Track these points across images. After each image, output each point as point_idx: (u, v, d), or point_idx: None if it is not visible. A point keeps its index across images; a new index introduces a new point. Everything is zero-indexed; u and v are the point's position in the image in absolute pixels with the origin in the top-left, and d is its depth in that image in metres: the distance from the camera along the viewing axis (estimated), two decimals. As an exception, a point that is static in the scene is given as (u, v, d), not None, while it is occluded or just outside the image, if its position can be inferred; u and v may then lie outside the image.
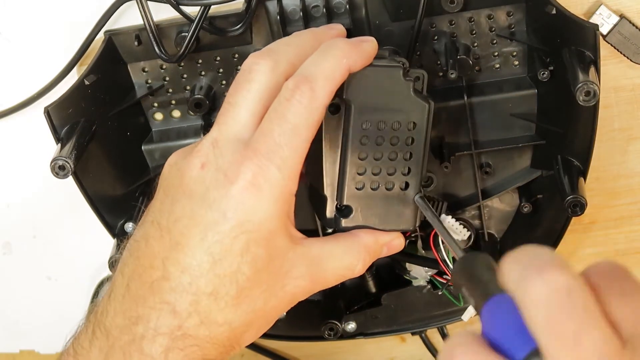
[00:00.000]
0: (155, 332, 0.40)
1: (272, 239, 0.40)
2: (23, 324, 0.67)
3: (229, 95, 0.42)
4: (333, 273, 0.44)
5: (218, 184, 0.40)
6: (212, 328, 0.40)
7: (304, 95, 0.39)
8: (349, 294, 0.60)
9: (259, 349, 0.64)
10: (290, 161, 0.40)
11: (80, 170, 0.50)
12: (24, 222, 0.63)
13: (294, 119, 0.39)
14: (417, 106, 0.43)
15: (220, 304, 0.40)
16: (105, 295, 0.43)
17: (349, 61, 0.41)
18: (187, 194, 0.41)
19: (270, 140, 0.39)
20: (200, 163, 0.41)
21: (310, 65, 0.41)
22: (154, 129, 0.56)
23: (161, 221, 0.41)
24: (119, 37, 0.52)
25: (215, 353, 0.41)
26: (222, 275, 0.40)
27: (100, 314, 0.42)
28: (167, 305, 0.40)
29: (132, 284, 0.41)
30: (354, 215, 0.45)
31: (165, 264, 0.40)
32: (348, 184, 0.44)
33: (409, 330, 0.61)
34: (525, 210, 0.55)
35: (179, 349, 0.40)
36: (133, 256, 0.42)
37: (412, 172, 0.45)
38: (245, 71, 0.42)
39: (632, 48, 0.52)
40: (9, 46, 0.57)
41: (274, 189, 0.40)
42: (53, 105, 0.49)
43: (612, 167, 0.57)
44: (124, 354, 0.40)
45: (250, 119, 0.41)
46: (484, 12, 0.51)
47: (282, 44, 0.44)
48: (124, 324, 0.40)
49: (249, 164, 0.39)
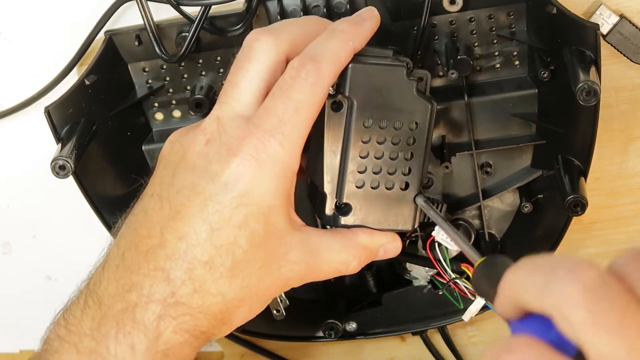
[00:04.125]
0: (148, 299, 0.40)
1: (270, 216, 0.40)
2: (23, 324, 0.67)
3: (230, 73, 0.42)
4: (328, 266, 0.44)
5: (221, 158, 0.40)
6: (205, 298, 0.40)
7: (309, 74, 0.40)
8: (349, 293, 0.60)
9: (259, 349, 0.64)
10: (293, 138, 0.40)
11: (81, 170, 0.50)
12: (24, 222, 0.63)
13: (298, 96, 0.40)
14: (420, 106, 0.44)
15: (214, 274, 0.40)
16: (99, 267, 0.43)
17: (355, 43, 0.42)
18: (189, 167, 0.41)
19: (273, 116, 0.40)
20: (204, 140, 0.41)
21: (317, 45, 0.41)
22: (154, 129, 0.56)
23: (161, 193, 0.41)
24: (119, 37, 0.52)
25: (207, 325, 0.41)
26: (218, 245, 0.40)
27: (93, 284, 0.42)
28: (162, 273, 0.40)
29: (128, 254, 0.41)
30: (353, 214, 0.45)
31: (163, 232, 0.40)
32: (348, 181, 0.44)
33: (409, 330, 0.61)
34: (525, 210, 0.55)
35: (171, 317, 0.40)
36: (131, 228, 0.42)
37: (412, 172, 0.45)
38: (246, 48, 0.42)
39: (632, 48, 0.52)
40: (9, 46, 0.57)
41: (275, 165, 0.40)
42: (53, 105, 0.49)
43: (612, 167, 0.57)
44: (117, 322, 0.40)
45: (251, 98, 0.41)
46: (484, 12, 0.51)
47: (285, 23, 0.44)
48: (117, 292, 0.40)
49: (252, 139, 0.40)
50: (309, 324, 0.59)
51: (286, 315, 0.53)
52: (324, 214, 0.45)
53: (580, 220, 0.54)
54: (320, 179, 0.45)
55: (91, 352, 0.40)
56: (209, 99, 0.53)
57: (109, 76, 0.52)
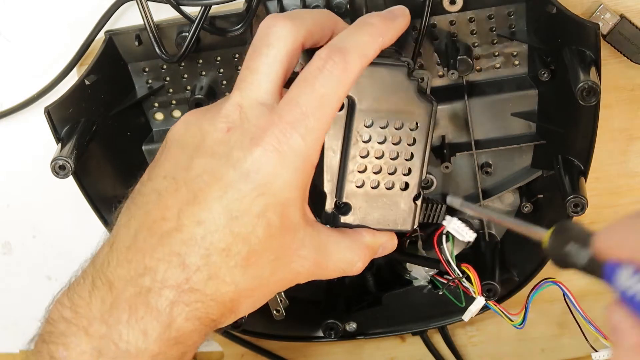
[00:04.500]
0: (162, 284, 0.39)
1: (287, 209, 0.40)
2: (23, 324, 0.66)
3: (248, 59, 0.41)
4: (334, 265, 0.44)
5: (243, 146, 0.39)
6: (219, 286, 0.40)
7: (336, 66, 0.39)
8: (349, 293, 0.60)
9: (259, 349, 0.64)
10: (315, 132, 0.39)
11: (81, 170, 0.50)
12: (24, 222, 0.63)
13: (323, 89, 0.39)
14: (421, 107, 0.44)
15: (230, 263, 0.39)
16: (105, 246, 0.41)
17: (385, 40, 0.41)
18: (208, 152, 0.40)
19: (296, 108, 0.39)
20: (226, 127, 0.40)
21: (345, 37, 0.40)
22: (154, 129, 0.56)
23: (176, 176, 0.40)
24: (119, 37, 0.52)
25: (217, 313, 0.40)
26: (236, 233, 0.39)
27: (100, 265, 0.41)
28: (177, 257, 0.39)
29: (140, 235, 0.40)
30: (353, 213, 0.45)
31: (179, 216, 0.39)
32: (348, 181, 0.44)
33: (409, 330, 0.61)
34: (525, 210, 0.55)
35: (184, 303, 0.39)
36: (142, 209, 0.41)
37: (412, 172, 0.45)
38: (263, 34, 0.41)
39: (632, 48, 0.52)
40: (9, 46, 0.57)
41: (296, 158, 0.39)
42: (53, 105, 0.49)
43: (612, 167, 0.57)
44: (130, 306, 0.39)
45: (271, 85, 0.40)
46: (484, 12, 0.51)
47: (301, 11, 0.43)
48: (130, 275, 0.39)
49: (274, 130, 0.39)
50: (309, 324, 0.59)
51: (286, 315, 0.53)
52: (324, 212, 0.45)
53: (580, 220, 0.54)
54: (320, 178, 0.45)
55: (102, 337, 0.39)
56: (209, 99, 0.53)
57: (109, 76, 0.52)
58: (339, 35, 0.41)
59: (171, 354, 0.40)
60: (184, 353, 0.40)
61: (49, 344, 0.40)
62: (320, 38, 0.43)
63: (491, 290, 0.52)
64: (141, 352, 0.39)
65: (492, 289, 0.52)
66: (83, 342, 0.39)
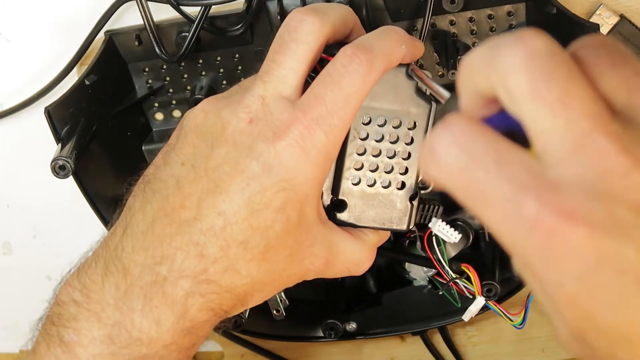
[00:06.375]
0: (179, 274, 0.39)
1: (305, 205, 0.40)
2: (23, 324, 0.66)
3: (273, 51, 0.41)
4: (342, 265, 0.44)
5: (267, 139, 0.39)
6: (235, 278, 0.39)
7: (361, 65, 0.39)
8: (349, 293, 0.60)
9: (259, 349, 0.64)
10: (338, 130, 0.39)
11: (81, 170, 0.50)
12: (24, 222, 0.63)
13: (348, 87, 0.39)
14: (419, 106, 0.44)
15: (247, 255, 0.39)
16: (118, 229, 0.41)
17: (406, 50, 0.41)
18: (230, 143, 0.40)
19: (321, 105, 0.39)
20: (248, 118, 0.40)
21: (372, 38, 0.41)
22: (154, 129, 0.56)
23: (195, 164, 0.40)
24: (119, 37, 0.52)
25: (230, 305, 0.40)
26: (256, 226, 0.39)
27: (114, 249, 0.40)
28: (195, 247, 0.39)
29: (158, 222, 0.39)
30: (349, 210, 0.45)
31: (199, 205, 0.39)
32: (344, 178, 0.44)
33: (409, 330, 0.61)
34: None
35: (199, 294, 0.39)
36: (159, 194, 0.40)
37: (409, 172, 0.45)
38: (292, 28, 0.41)
39: (632, 48, 0.52)
40: (9, 46, 0.57)
41: (319, 155, 0.39)
42: (53, 105, 0.49)
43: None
44: (145, 295, 0.38)
45: (296, 81, 0.40)
46: (484, 12, 0.51)
47: (326, 6, 0.43)
48: (146, 263, 0.39)
49: (298, 125, 0.39)
50: (309, 324, 0.59)
51: (286, 315, 0.53)
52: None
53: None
54: None
55: (115, 324, 0.38)
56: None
57: (109, 76, 0.52)
58: (364, 36, 0.41)
59: (183, 344, 0.39)
60: (194, 343, 0.40)
61: (59, 327, 0.39)
62: (342, 35, 0.43)
63: (491, 290, 0.52)
64: (153, 341, 0.39)
65: (492, 289, 0.52)
66: (95, 328, 0.39)
